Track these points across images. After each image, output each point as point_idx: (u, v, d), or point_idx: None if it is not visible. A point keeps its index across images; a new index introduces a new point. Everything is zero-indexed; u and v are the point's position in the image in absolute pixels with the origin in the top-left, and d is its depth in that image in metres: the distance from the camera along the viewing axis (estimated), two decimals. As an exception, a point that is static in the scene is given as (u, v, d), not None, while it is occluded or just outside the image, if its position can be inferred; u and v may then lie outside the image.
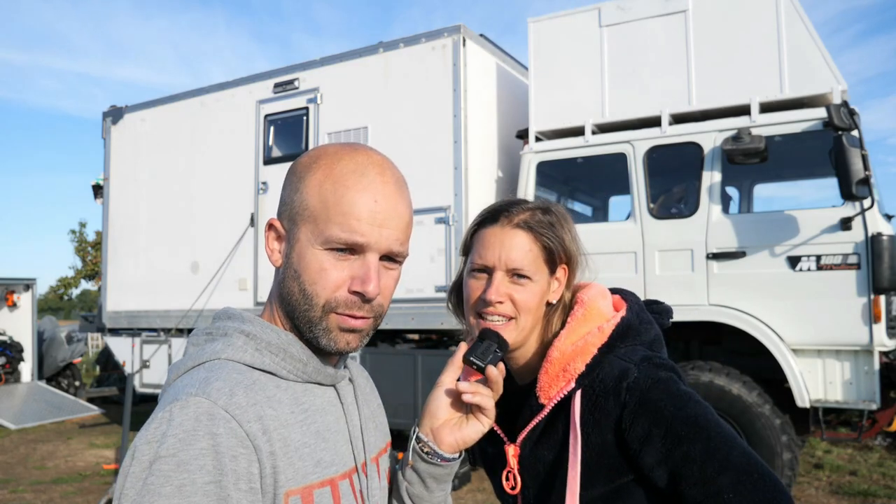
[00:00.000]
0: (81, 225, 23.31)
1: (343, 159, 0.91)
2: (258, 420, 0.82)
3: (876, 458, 6.72)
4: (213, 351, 0.89)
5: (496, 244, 1.21)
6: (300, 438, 0.87)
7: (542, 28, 5.77)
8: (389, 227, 0.91)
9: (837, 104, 4.47)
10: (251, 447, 0.79)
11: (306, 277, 0.89)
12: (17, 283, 12.37)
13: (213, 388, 0.81)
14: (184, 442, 0.76)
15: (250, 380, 0.86)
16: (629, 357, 1.16)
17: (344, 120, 6.19)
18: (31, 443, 8.64)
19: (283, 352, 0.90)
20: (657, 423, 1.10)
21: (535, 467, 1.22)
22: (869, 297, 4.45)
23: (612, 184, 6.43)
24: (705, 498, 1.06)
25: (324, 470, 0.89)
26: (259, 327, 0.91)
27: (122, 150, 7.81)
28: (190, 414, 0.78)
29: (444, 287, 5.57)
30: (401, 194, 0.95)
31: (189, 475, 0.75)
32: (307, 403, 0.91)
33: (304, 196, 0.90)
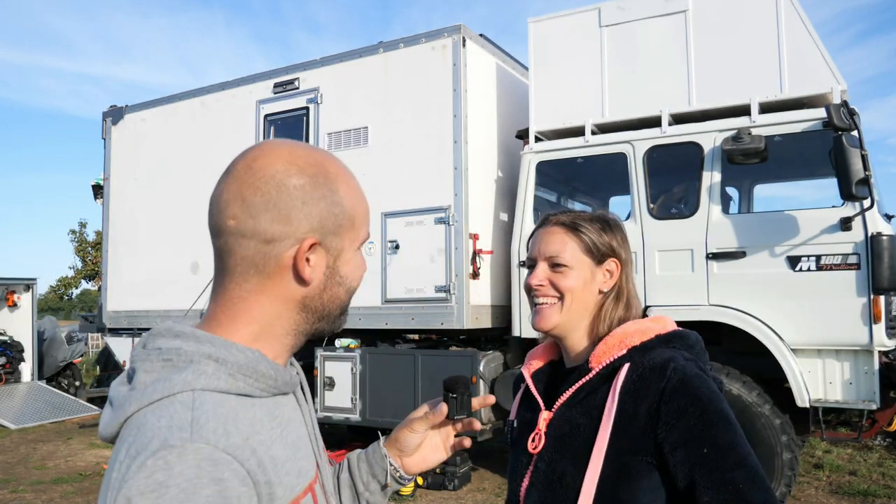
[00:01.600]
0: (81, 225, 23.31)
1: (339, 164, 0.95)
2: (253, 454, 0.81)
3: (876, 458, 6.72)
4: (184, 381, 0.83)
5: (539, 241, 1.41)
6: (283, 453, 0.87)
7: (542, 28, 5.77)
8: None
9: (837, 104, 4.47)
10: (251, 483, 0.79)
11: (355, 277, 0.96)
12: (17, 283, 12.37)
13: (208, 431, 0.78)
14: (188, 492, 0.73)
15: (232, 411, 0.83)
16: (680, 353, 1.28)
17: (344, 120, 6.19)
18: (31, 443, 8.64)
19: (254, 371, 0.88)
20: (694, 404, 1.18)
21: (563, 429, 1.31)
22: (869, 297, 4.45)
23: (612, 184, 6.43)
24: (721, 485, 1.13)
25: (303, 479, 0.90)
26: (223, 349, 0.87)
27: (122, 150, 7.81)
28: (190, 461, 0.74)
29: (444, 287, 5.57)
30: None
31: None
32: (280, 417, 0.92)
33: (342, 206, 0.92)
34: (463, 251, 5.54)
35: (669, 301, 4.92)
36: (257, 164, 0.89)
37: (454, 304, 5.54)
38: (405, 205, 5.81)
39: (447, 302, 5.56)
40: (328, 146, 6.25)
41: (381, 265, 5.89)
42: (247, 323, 0.91)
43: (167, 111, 7.46)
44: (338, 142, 6.22)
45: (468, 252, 5.57)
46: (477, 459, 6.62)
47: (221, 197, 0.89)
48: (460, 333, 6.02)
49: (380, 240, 5.90)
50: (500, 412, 5.74)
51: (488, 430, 5.64)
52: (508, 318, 5.81)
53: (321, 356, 6.24)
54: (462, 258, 5.53)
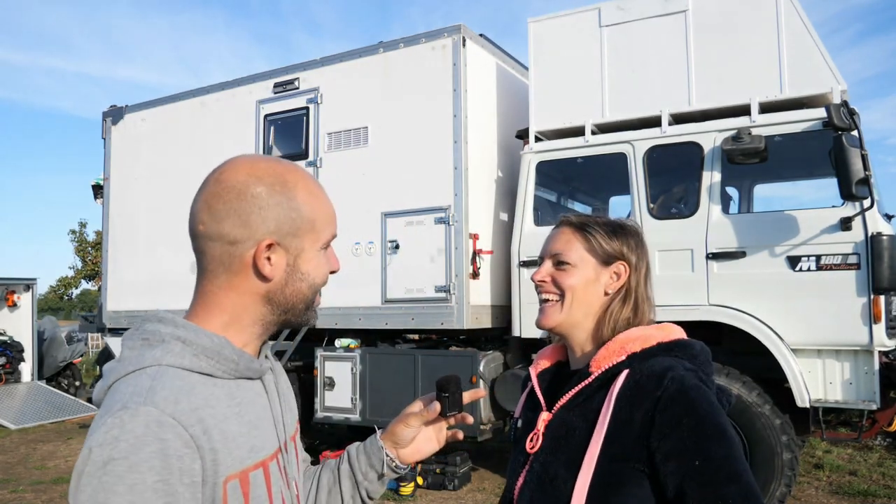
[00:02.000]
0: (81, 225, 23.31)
1: (300, 172, 1.07)
2: (199, 422, 0.92)
3: (876, 458, 6.72)
4: (153, 357, 0.97)
5: (548, 240, 1.45)
6: (237, 429, 0.98)
7: (542, 28, 5.77)
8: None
9: (837, 104, 4.47)
10: (194, 447, 0.90)
11: (318, 274, 1.06)
12: (17, 283, 12.37)
13: (159, 398, 0.91)
14: (134, 446, 0.86)
15: (190, 385, 0.96)
16: (680, 363, 1.26)
17: (344, 120, 6.19)
18: (31, 443, 8.64)
19: (217, 354, 1.01)
20: (690, 415, 1.16)
21: (560, 431, 1.32)
22: (869, 297, 4.45)
23: (612, 184, 6.43)
24: (712, 500, 1.11)
25: (256, 454, 1.01)
26: (192, 333, 1.01)
27: (122, 150, 7.81)
28: (140, 421, 0.88)
29: (445, 287, 5.57)
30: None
31: (140, 475, 0.85)
32: (240, 398, 1.03)
33: (301, 211, 1.04)
34: (463, 251, 5.54)
35: (669, 301, 4.91)
36: (223, 176, 1.03)
37: (454, 304, 5.54)
38: (405, 205, 5.81)
39: (447, 302, 5.56)
40: (328, 146, 6.25)
41: (381, 265, 5.89)
42: (218, 314, 1.07)
43: (167, 111, 7.46)
44: (338, 142, 6.22)
45: (468, 252, 5.57)
46: (477, 459, 6.62)
47: (195, 206, 1.05)
48: (460, 333, 6.01)
49: (380, 240, 5.90)
50: (500, 412, 5.74)
51: (488, 430, 5.64)
52: (508, 318, 5.81)
53: (321, 356, 6.24)
54: (462, 258, 5.53)
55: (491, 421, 5.68)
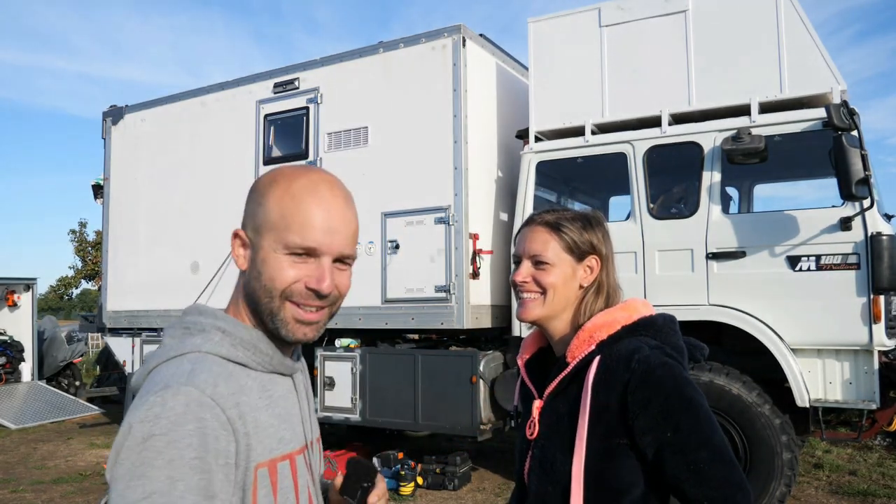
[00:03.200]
0: (81, 225, 23.35)
1: (299, 178, 1.07)
2: (236, 406, 0.97)
3: (876, 458, 6.72)
4: (194, 344, 1.03)
5: (524, 240, 1.51)
6: (267, 420, 1.03)
7: (542, 28, 5.76)
8: (340, 233, 1.06)
9: (837, 104, 4.47)
10: (231, 430, 0.95)
11: (268, 275, 1.04)
12: (17, 283, 12.37)
13: (200, 380, 0.96)
14: (175, 423, 0.90)
15: (227, 372, 1.01)
16: (646, 341, 1.37)
17: (344, 120, 6.19)
18: (31, 443, 8.64)
19: (254, 347, 1.06)
20: (657, 393, 1.29)
21: (551, 417, 1.44)
22: (869, 297, 4.45)
23: (612, 184, 6.43)
24: (685, 465, 1.25)
25: (284, 446, 1.05)
26: (231, 325, 1.07)
27: (122, 150, 7.81)
28: (181, 400, 0.92)
29: (445, 287, 5.57)
30: (348, 206, 1.10)
31: (178, 451, 0.89)
32: (271, 391, 1.07)
33: (267, 210, 1.06)
34: (463, 251, 5.54)
35: (669, 301, 4.91)
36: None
37: (454, 304, 5.54)
38: (405, 205, 5.81)
39: (447, 302, 5.56)
40: (328, 146, 6.25)
41: (381, 265, 5.89)
42: (239, 309, 1.10)
43: (167, 111, 7.46)
44: (338, 142, 6.22)
45: (468, 252, 5.57)
46: (477, 459, 6.62)
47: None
48: (460, 333, 6.02)
49: (380, 240, 5.90)
50: (499, 412, 5.74)
51: (488, 430, 5.64)
52: (508, 318, 5.81)
53: (321, 356, 6.24)
54: (462, 258, 5.53)
55: (491, 421, 5.68)
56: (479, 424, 5.50)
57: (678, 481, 1.26)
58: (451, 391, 5.61)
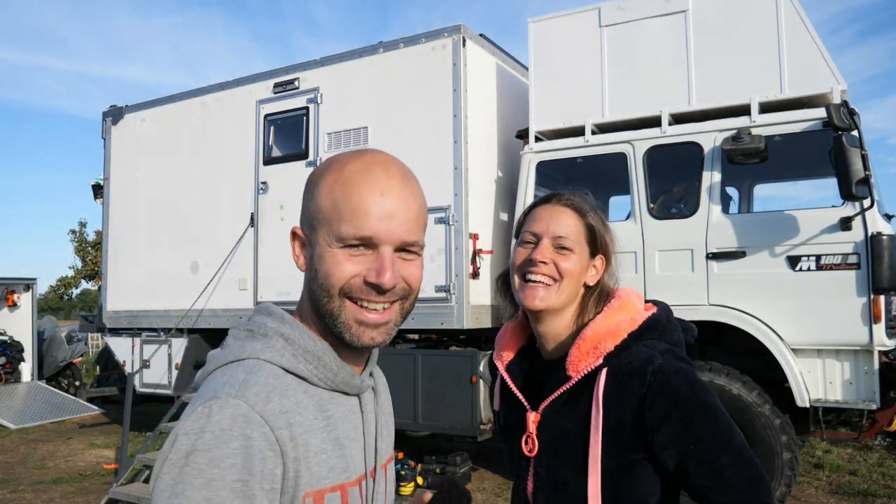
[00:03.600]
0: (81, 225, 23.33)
1: (350, 162, 0.96)
2: (287, 427, 0.88)
3: (876, 458, 6.72)
4: (253, 350, 0.94)
5: (546, 218, 1.37)
6: (319, 444, 0.92)
7: (542, 28, 5.76)
8: (398, 218, 0.94)
9: (837, 104, 4.47)
10: (279, 451, 0.86)
11: (323, 272, 0.93)
12: (17, 283, 12.37)
13: (251, 393, 0.87)
14: (219, 440, 0.82)
15: (284, 385, 0.91)
16: (655, 347, 1.29)
17: (344, 120, 6.19)
18: (31, 443, 8.64)
19: (318, 360, 0.95)
20: (676, 405, 1.22)
21: (553, 434, 1.33)
22: (869, 297, 4.45)
23: (612, 184, 6.43)
24: (709, 473, 1.21)
25: (336, 476, 0.94)
26: (297, 332, 0.96)
27: (122, 150, 7.81)
28: (228, 414, 0.84)
29: (445, 287, 5.57)
30: (408, 187, 0.98)
31: (220, 471, 0.81)
32: (331, 411, 0.96)
33: (318, 201, 0.95)
34: (463, 251, 5.54)
35: (669, 301, 4.84)
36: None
37: (454, 304, 5.53)
38: (405, 205, 5.80)
39: (447, 302, 5.56)
40: (328, 146, 6.25)
41: (381, 265, 5.87)
42: (303, 313, 1.00)
43: (167, 111, 7.46)
44: (338, 142, 6.22)
45: (468, 252, 5.57)
46: (477, 459, 6.63)
47: None
48: (460, 333, 6.01)
49: (380, 240, 5.89)
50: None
51: (488, 431, 5.64)
52: (508, 318, 5.80)
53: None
54: (462, 258, 5.53)
55: (491, 421, 5.68)
56: (479, 424, 5.50)
57: (703, 490, 1.22)
58: (450, 391, 5.61)
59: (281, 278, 6.28)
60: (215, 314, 6.65)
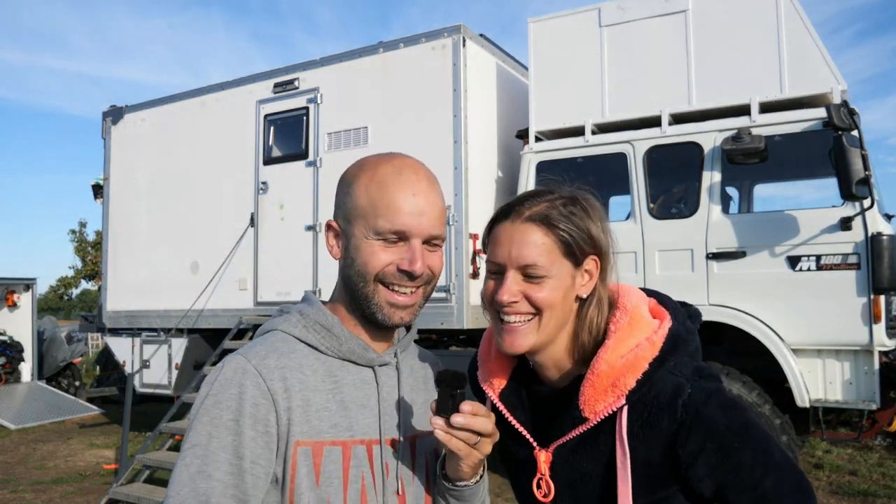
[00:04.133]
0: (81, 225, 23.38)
1: (382, 165, 1.10)
2: (282, 380, 1.04)
3: (876, 458, 6.72)
4: (274, 323, 1.14)
5: (506, 241, 1.15)
6: (322, 403, 1.07)
7: (542, 28, 5.76)
8: (427, 215, 1.09)
9: (837, 104, 4.47)
10: (271, 400, 1.02)
11: (361, 260, 1.09)
12: (17, 283, 12.38)
13: (252, 352, 1.06)
14: (223, 386, 1.02)
15: (290, 349, 1.09)
16: (680, 371, 1.13)
17: (344, 120, 6.19)
18: (31, 443, 8.64)
19: (326, 330, 1.11)
20: (711, 438, 1.09)
21: (571, 476, 1.19)
22: (869, 297, 4.45)
23: (612, 184, 6.42)
24: (752, 499, 1.10)
25: (339, 432, 1.07)
26: (314, 309, 1.14)
27: (122, 150, 7.81)
28: (232, 367, 1.04)
29: (445, 287, 5.56)
30: (433, 188, 1.12)
31: (219, 411, 1.00)
32: (339, 377, 1.11)
33: (355, 198, 1.09)
34: (463, 251, 5.54)
35: (669, 301, 4.90)
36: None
37: (454, 304, 5.53)
38: (405, 205, 5.79)
39: (447, 302, 5.56)
40: (328, 146, 6.25)
41: (381, 265, 5.87)
42: (332, 298, 1.19)
43: (167, 111, 7.46)
44: (338, 142, 6.22)
45: (468, 252, 5.57)
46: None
47: None
48: (460, 333, 6.02)
49: (380, 240, 5.89)
50: (500, 412, 5.73)
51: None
52: (508, 318, 5.80)
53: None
54: (462, 258, 5.53)
55: (491, 421, 5.68)
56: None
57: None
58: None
59: (281, 278, 6.28)
60: (215, 314, 6.65)
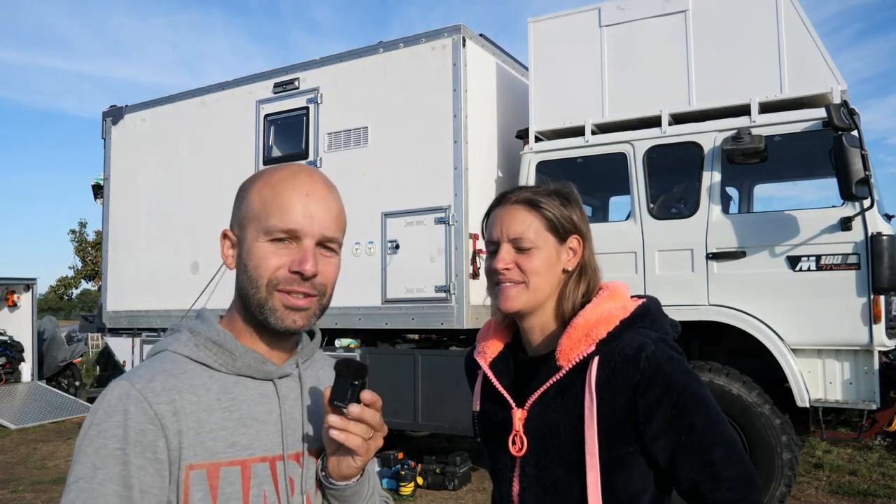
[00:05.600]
0: (81, 225, 23.32)
1: (279, 170, 1.08)
2: (170, 403, 0.98)
3: (876, 458, 6.72)
4: (163, 343, 1.08)
5: (500, 221, 1.34)
6: (218, 422, 1.01)
7: (541, 28, 5.76)
8: (320, 216, 1.05)
9: (837, 104, 4.47)
10: (159, 425, 0.96)
11: (252, 265, 1.04)
12: (17, 283, 12.37)
13: (137, 375, 1.00)
14: (107, 414, 0.96)
15: (181, 369, 1.03)
16: (646, 334, 1.27)
17: (344, 120, 6.19)
18: (31, 443, 8.64)
19: (218, 347, 1.05)
20: (668, 392, 1.20)
21: (542, 430, 1.29)
22: (869, 297, 4.45)
23: (612, 184, 6.42)
24: (701, 465, 1.19)
25: (237, 452, 1.02)
26: (205, 325, 1.07)
27: (122, 150, 7.81)
28: (115, 393, 0.97)
29: (445, 287, 5.57)
30: (329, 191, 1.09)
31: (104, 441, 0.94)
32: (235, 393, 1.05)
33: (249, 202, 1.06)
34: (463, 251, 5.54)
35: (669, 301, 4.91)
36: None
37: (454, 304, 5.53)
38: (405, 205, 5.81)
39: (447, 302, 5.56)
40: (328, 146, 6.25)
41: (380, 265, 5.88)
42: (228, 312, 1.13)
43: (167, 111, 7.46)
44: (338, 142, 6.22)
45: (468, 252, 5.57)
46: (477, 459, 6.62)
47: None
48: (460, 333, 6.01)
49: (380, 240, 5.90)
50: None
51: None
52: (508, 318, 5.80)
53: (321, 356, 6.23)
54: (462, 258, 5.53)
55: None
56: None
57: (694, 483, 1.20)
58: (450, 391, 5.60)
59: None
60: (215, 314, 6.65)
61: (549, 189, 1.36)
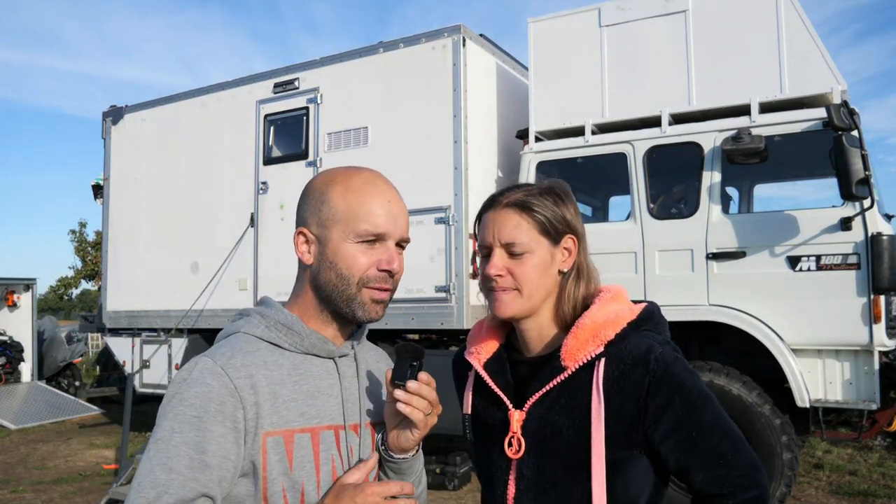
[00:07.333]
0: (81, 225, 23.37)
1: (355, 176, 1.21)
2: (248, 377, 1.10)
3: (876, 458, 6.72)
4: (236, 326, 1.21)
5: (491, 225, 1.33)
6: (290, 394, 1.14)
7: (542, 28, 5.76)
8: (400, 220, 1.22)
9: (837, 104, 4.47)
10: (238, 397, 1.08)
11: (343, 264, 1.17)
12: (17, 283, 12.38)
13: (218, 353, 1.13)
14: (189, 385, 1.08)
15: (254, 348, 1.16)
16: (653, 337, 1.28)
17: (344, 120, 6.19)
18: (31, 443, 8.64)
19: (287, 328, 1.18)
20: (678, 392, 1.21)
21: (542, 431, 1.28)
22: (869, 297, 4.45)
23: (612, 184, 6.43)
24: (712, 460, 1.20)
25: (307, 420, 1.15)
26: (273, 310, 1.21)
27: (122, 150, 7.80)
28: (198, 367, 1.10)
29: (445, 287, 5.57)
30: (399, 195, 1.25)
31: (183, 409, 1.06)
32: (303, 369, 1.18)
33: (332, 205, 1.18)
34: (463, 251, 5.54)
35: (669, 301, 4.91)
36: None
37: (454, 304, 5.53)
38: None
39: (447, 302, 5.56)
40: (328, 146, 6.25)
41: (381, 265, 5.87)
42: (295, 299, 1.25)
43: (167, 111, 7.46)
44: (338, 142, 6.22)
45: (468, 252, 5.57)
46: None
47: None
48: (460, 333, 6.01)
49: (380, 240, 5.89)
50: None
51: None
52: (508, 318, 5.80)
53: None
54: (462, 258, 5.53)
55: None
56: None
57: (707, 477, 1.21)
58: (450, 391, 5.58)
59: (281, 278, 6.27)
60: (215, 314, 6.65)
61: (541, 188, 1.33)
